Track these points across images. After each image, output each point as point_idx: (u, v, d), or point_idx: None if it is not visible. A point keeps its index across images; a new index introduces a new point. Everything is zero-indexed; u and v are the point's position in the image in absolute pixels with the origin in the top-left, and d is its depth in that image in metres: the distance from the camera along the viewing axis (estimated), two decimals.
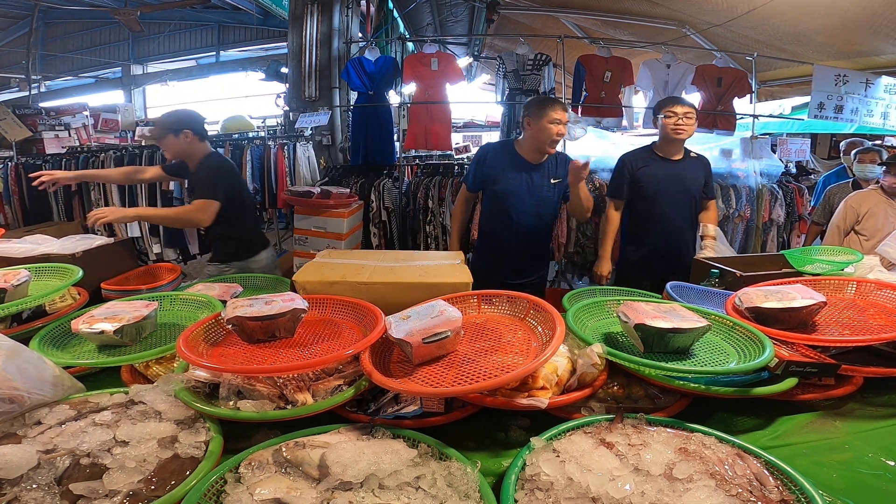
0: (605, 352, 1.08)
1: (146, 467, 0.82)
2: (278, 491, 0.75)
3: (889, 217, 3.02)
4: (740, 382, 1.07)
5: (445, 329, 1.05)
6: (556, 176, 2.29)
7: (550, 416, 1.02)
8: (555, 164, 2.30)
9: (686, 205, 2.52)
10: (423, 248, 4.15)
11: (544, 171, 2.28)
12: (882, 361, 1.19)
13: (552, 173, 2.29)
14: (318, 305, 1.37)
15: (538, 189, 2.27)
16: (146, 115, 10.53)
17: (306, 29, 4.34)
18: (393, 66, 4.27)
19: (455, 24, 8.30)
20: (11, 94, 9.40)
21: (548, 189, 2.28)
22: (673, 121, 2.40)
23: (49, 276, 1.62)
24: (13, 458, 0.78)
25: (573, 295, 1.70)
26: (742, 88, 4.44)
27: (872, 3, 3.82)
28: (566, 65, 4.39)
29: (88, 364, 1.21)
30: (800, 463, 0.89)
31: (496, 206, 2.32)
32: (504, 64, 4.23)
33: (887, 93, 4.72)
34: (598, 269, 2.60)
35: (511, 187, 2.26)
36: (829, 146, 10.84)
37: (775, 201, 4.30)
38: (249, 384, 0.99)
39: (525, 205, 2.27)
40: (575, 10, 5.71)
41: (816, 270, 1.78)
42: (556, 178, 2.29)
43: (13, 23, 9.80)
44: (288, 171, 4.40)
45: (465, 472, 0.81)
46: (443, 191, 4.12)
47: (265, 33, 10.21)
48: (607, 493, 0.75)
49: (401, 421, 0.97)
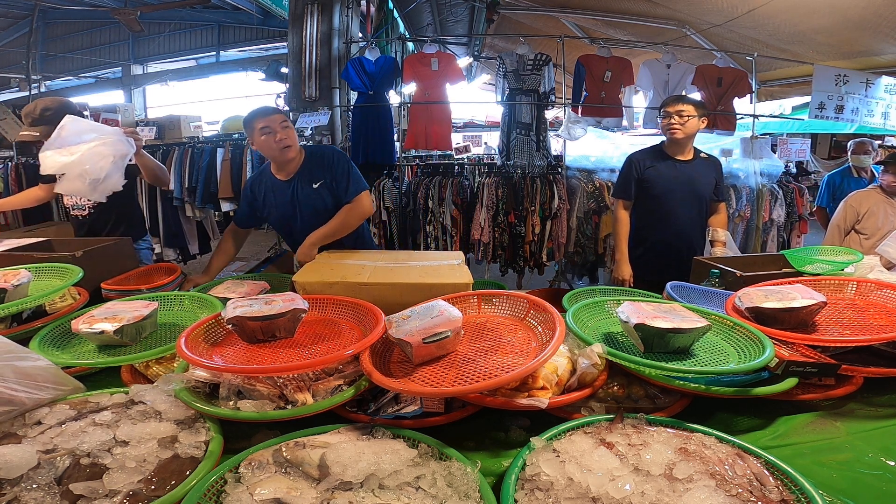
0: (605, 352, 1.08)
1: (146, 467, 0.82)
2: (278, 491, 0.75)
3: (889, 216, 3.03)
4: (740, 382, 1.07)
5: (445, 329, 1.05)
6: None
7: (550, 416, 1.02)
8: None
9: (694, 205, 2.49)
10: (423, 249, 4.16)
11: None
12: (882, 361, 1.19)
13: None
14: (318, 305, 1.37)
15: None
16: (146, 115, 10.53)
17: (306, 29, 4.34)
18: (393, 66, 4.27)
19: (455, 24, 8.30)
20: (11, 94, 9.38)
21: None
22: (666, 121, 2.38)
23: (49, 276, 1.62)
24: (13, 458, 0.78)
25: (573, 295, 1.70)
26: (742, 88, 4.44)
27: (872, 3, 3.82)
28: (566, 65, 4.39)
29: (88, 364, 1.21)
30: (800, 463, 0.89)
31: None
32: (504, 64, 4.23)
33: (888, 93, 4.72)
34: (619, 274, 2.52)
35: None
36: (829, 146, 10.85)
37: (775, 201, 4.31)
38: (249, 384, 0.99)
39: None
40: (575, 10, 5.70)
41: (816, 270, 1.78)
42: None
43: (13, 23, 9.80)
44: None
45: (465, 472, 0.81)
46: (443, 191, 4.12)
47: (265, 33, 10.21)
48: (607, 494, 0.75)
49: (401, 421, 0.97)
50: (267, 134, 1.94)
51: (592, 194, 4.14)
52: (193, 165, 4.48)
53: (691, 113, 2.36)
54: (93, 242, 1.95)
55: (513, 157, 4.22)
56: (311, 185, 2.05)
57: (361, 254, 1.89)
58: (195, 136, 5.56)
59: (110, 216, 2.48)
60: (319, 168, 2.06)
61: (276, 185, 2.09)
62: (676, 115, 2.35)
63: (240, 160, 4.42)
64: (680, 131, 2.37)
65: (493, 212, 4.09)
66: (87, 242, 1.97)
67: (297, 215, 2.09)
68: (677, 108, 2.36)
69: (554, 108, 4.81)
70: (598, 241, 4.17)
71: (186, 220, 4.69)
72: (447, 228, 4.16)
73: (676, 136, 2.39)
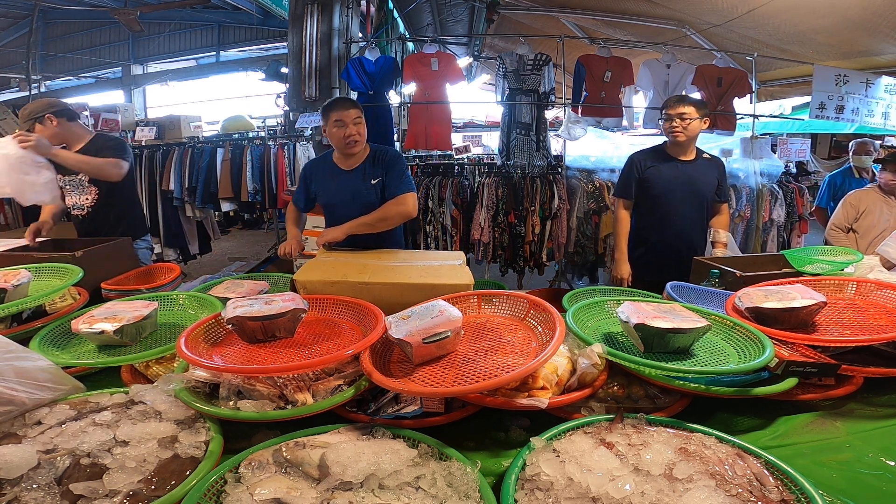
0: (605, 352, 1.08)
1: (146, 467, 0.82)
2: (278, 491, 0.75)
3: (884, 215, 3.05)
4: (740, 382, 1.07)
5: (445, 329, 1.05)
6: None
7: (550, 416, 1.02)
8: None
9: (696, 206, 2.48)
10: (423, 248, 4.15)
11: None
12: (882, 361, 1.19)
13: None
14: (318, 305, 1.37)
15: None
16: (146, 114, 10.53)
17: (306, 29, 4.34)
18: (393, 66, 4.27)
19: (455, 24, 8.30)
20: (11, 94, 9.39)
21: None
22: (668, 124, 2.38)
23: (49, 276, 1.62)
24: (13, 458, 0.78)
25: (573, 295, 1.70)
26: (742, 88, 4.44)
27: (872, 4, 3.82)
28: (566, 65, 4.39)
29: (88, 364, 1.21)
30: (800, 463, 0.89)
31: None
32: (504, 64, 4.23)
33: (888, 93, 4.72)
34: (618, 273, 2.53)
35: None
36: (829, 146, 10.85)
37: (775, 201, 4.31)
38: (249, 384, 0.99)
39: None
40: (575, 10, 5.70)
41: (816, 270, 1.78)
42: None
43: (13, 23, 9.80)
44: (288, 171, 4.41)
45: (465, 472, 0.81)
46: (443, 191, 4.12)
47: (265, 33, 10.21)
48: (607, 494, 0.75)
49: (401, 421, 0.97)
50: (339, 127, 2.05)
51: (592, 194, 4.14)
52: (193, 165, 4.48)
53: (693, 115, 2.34)
54: (93, 242, 1.96)
55: (513, 157, 4.22)
56: (369, 181, 2.15)
57: (362, 253, 1.89)
58: (195, 136, 5.56)
59: (109, 215, 2.49)
60: (380, 166, 2.15)
61: (336, 173, 2.19)
62: (678, 118, 2.34)
63: (240, 160, 4.42)
64: (682, 134, 2.36)
65: (493, 212, 4.09)
66: (87, 242, 1.98)
67: (350, 205, 2.15)
68: (679, 110, 2.34)
69: (554, 108, 4.81)
70: (598, 241, 4.17)
71: (186, 220, 4.70)
72: (447, 228, 4.16)
73: (679, 138, 2.38)
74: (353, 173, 2.16)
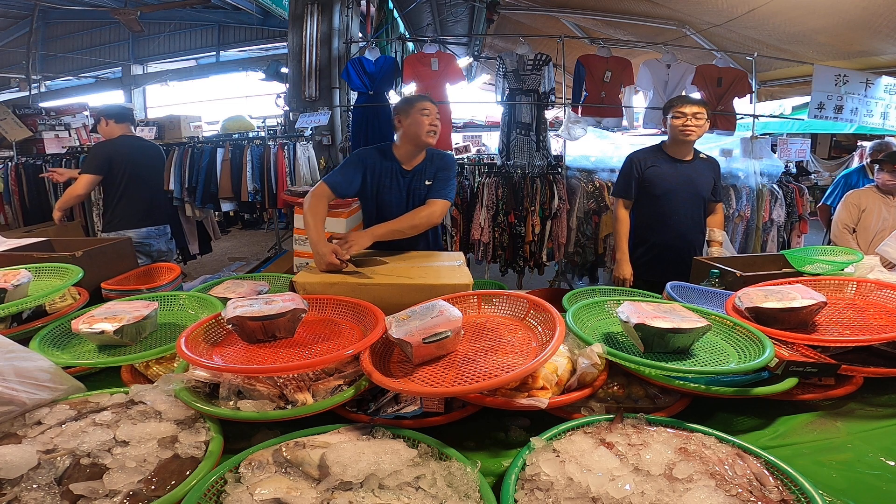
0: (605, 352, 1.08)
1: (146, 467, 0.82)
2: (278, 491, 0.75)
3: (882, 214, 3.05)
4: (740, 382, 1.07)
5: (445, 329, 1.05)
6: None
7: (550, 416, 1.02)
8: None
9: (695, 206, 2.48)
10: None
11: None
12: (882, 361, 1.19)
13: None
14: (318, 305, 1.37)
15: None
16: (146, 114, 10.54)
17: (306, 29, 4.34)
18: (393, 66, 4.27)
19: (455, 24, 8.30)
20: (11, 94, 9.39)
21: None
22: (681, 122, 2.35)
23: (49, 276, 1.62)
24: (13, 458, 0.78)
25: (573, 295, 1.70)
26: (742, 88, 4.44)
27: (872, 4, 3.82)
28: (566, 65, 4.39)
29: (88, 364, 1.21)
30: (800, 463, 0.89)
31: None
32: (504, 64, 4.23)
33: (887, 93, 4.72)
34: (620, 273, 2.52)
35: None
36: (829, 146, 10.85)
37: (775, 201, 4.30)
38: (249, 384, 0.99)
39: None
40: (575, 10, 5.70)
41: (816, 270, 1.78)
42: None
43: (13, 23, 9.80)
44: (288, 172, 4.40)
45: (465, 472, 0.81)
46: None
47: (265, 33, 10.22)
48: (607, 494, 0.75)
49: (401, 421, 0.97)
50: (425, 115, 2.07)
51: (592, 194, 4.14)
52: (193, 165, 4.47)
53: (705, 116, 2.36)
54: (93, 242, 1.96)
55: (513, 157, 4.22)
56: (424, 181, 2.17)
57: (362, 253, 1.89)
58: (195, 136, 5.56)
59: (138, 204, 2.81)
60: (435, 169, 2.18)
61: (396, 171, 2.18)
62: (693, 116, 2.33)
63: (240, 160, 4.42)
64: (695, 133, 2.36)
65: (493, 212, 4.09)
66: (88, 242, 1.98)
67: (402, 205, 2.16)
68: (694, 109, 2.33)
69: (554, 108, 4.80)
70: (598, 241, 4.17)
71: (186, 220, 4.69)
72: (447, 228, 4.16)
73: (691, 137, 2.37)
74: (413, 173, 2.18)
